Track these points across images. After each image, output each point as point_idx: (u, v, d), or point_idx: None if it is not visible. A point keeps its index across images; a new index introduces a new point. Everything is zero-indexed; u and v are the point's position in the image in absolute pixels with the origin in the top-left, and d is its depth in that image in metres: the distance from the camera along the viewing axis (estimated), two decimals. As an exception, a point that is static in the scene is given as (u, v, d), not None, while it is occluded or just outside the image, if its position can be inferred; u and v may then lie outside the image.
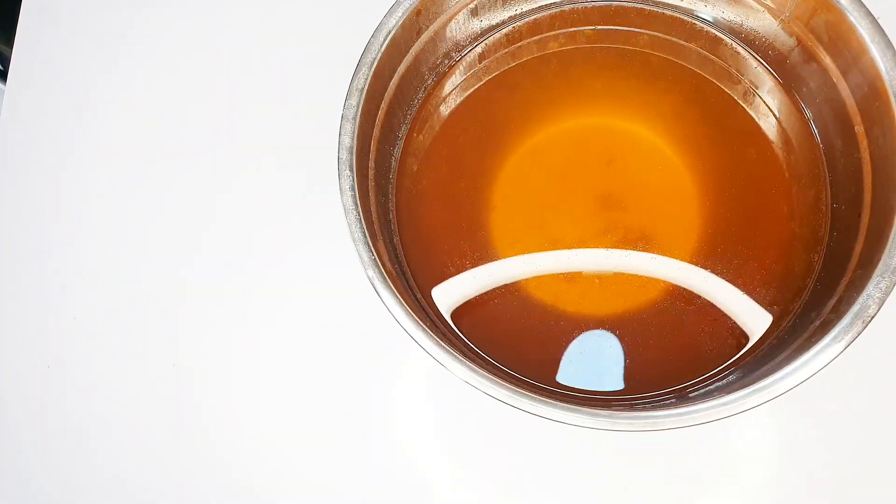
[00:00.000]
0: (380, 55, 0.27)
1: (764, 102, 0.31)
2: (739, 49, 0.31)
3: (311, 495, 0.31)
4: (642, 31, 0.32)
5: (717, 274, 0.29)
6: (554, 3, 0.32)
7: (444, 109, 0.32)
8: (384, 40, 0.27)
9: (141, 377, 0.33)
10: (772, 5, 0.29)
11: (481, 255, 0.30)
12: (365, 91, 0.27)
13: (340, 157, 0.26)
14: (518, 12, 0.32)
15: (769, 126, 0.31)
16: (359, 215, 0.25)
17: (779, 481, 0.30)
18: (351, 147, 0.26)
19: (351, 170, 0.26)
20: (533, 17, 0.32)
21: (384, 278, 0.24)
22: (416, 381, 0.32)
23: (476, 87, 0.32)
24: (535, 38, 0.33)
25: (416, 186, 0.31)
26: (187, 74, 0.38)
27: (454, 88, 0.32)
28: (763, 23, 0.30)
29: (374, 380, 0.32)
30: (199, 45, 0.39)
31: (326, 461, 0.31)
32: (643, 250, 0.29)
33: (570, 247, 0.30)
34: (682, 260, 0.29)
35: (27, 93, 0.39)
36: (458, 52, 0.32)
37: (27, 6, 0.40)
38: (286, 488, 0.31)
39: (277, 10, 0.38)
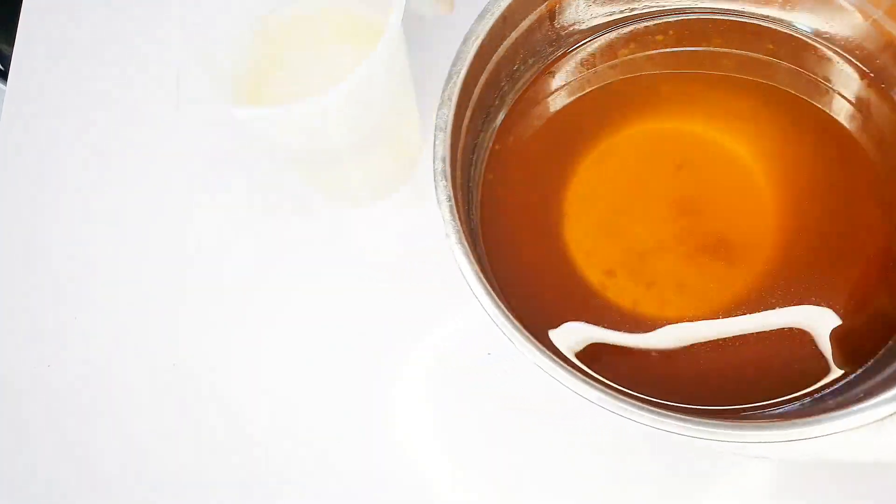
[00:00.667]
0: (468, 64, 0.27)
1: (850, 104, 0.30)
2: (825, 50, 0.31)
3: (312, 495, 0.31)
4: (722, 50, 0.32)
5: (799, 289, 0.28)
6: (633, 14, 0.32)
7: (519, 117, 0.32)
8: (472, 49, 0.27)
9: (141, 377, 0.33)
10: (863, 5, 0.29)
11: (557, 263, 0.30)
12: (455, 101, 0.27)
13: (436, 167, 0.26)
14: (600, 22, 0.32)
15: (856, 129, 0.30)
16: (457, 226, 0.25)
17: (779, 481, 0.30)
18: (444, 157, 0.26)
19: (446, 179, 0.26)
20: (611, 25, 0.32)
21: (489, 291, 0.24)
22: (416, 381, 0.32)
23: (550, 94, 0.32)
24: (609, 43, 0.33)
25: (493, 195, 0.31)
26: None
27: (529, 95, 0.32)
28: (852, 23, 0.30)
29: (374, 380, 0.32)
30: (200, 42, 0.39)
31: (326, 461, 0.31)
32: (721, 257, 0.29)
33: (646, 252, 0.29)
34: (761, 269, 0.28)
35: (27, 93, 0.39)
36: (535, 57, 0.32)
37: (27, 6, 0.41)
38: (286, 488, 0.31)
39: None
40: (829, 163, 0.30)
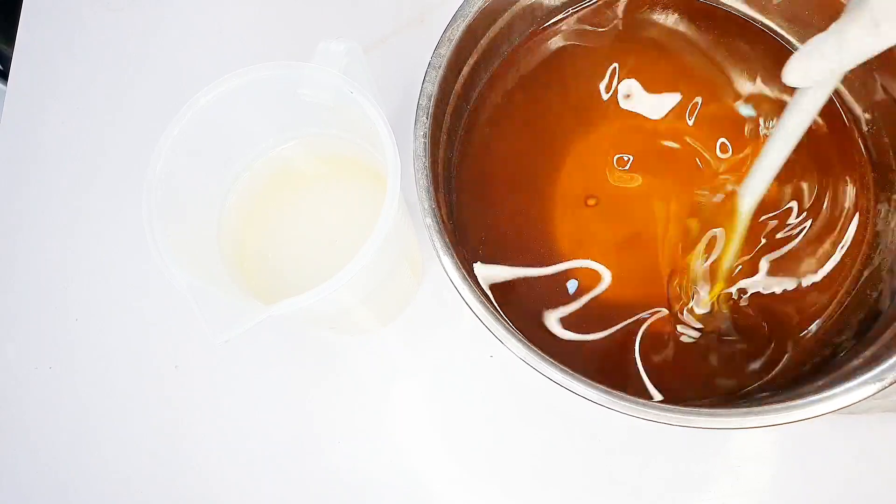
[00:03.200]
0: (477, 9, 0.27)
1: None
2: None
3: (312, 497, 0.31)
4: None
5: (761, 286, 0.28)
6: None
7: (524, 75, 0.32)
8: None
9: (142, 378, 0.33)
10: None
11: (529, 232, 0.30)
12: (455, 43, 0.27)
13: (420, 102, 0.26)
14: None
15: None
16: (426, 162, 0.25)
17: (778, 481, 0.30)
18: (431, 94, 0.26)
19: (427, 117, 0.26)
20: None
21: (441, 229, 0.24)
22: (416, 381, 0.32)
23: (559, 59, 0.32)
24: (628, 20, 0.32)
25: (483, 147, 0.30)
26: (188, 72, 0.38)
27: (538, 56, 0.32)
28: None
29: (374, 380, 0.32)
30: (199, 42, 0.39)
31: (327, 462, 0.31)
32: (690, 246, 0.29)
33: (623, 239, 0.29)
34: (731, 265, 0.29)
35: (27, 93, 0.39)
36: (550, 19, 0.32)
37: (27, 6, 0.40)
38: (287, 490, 0.31)
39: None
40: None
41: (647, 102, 0.31)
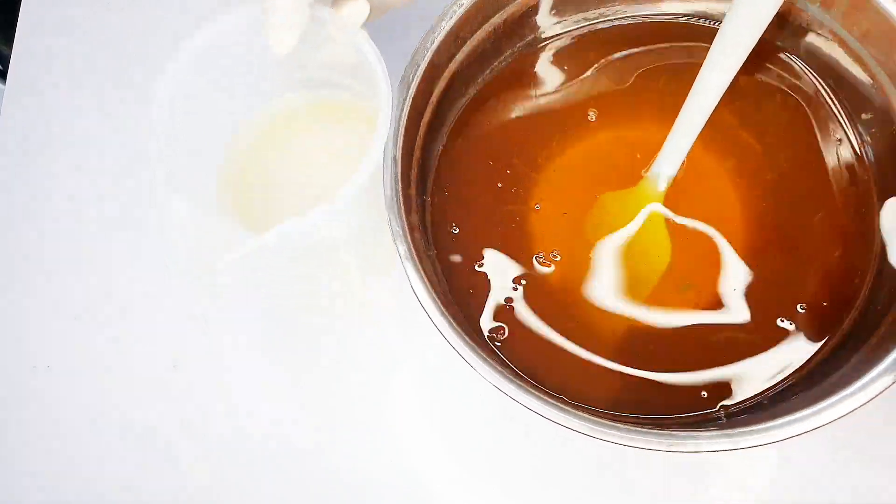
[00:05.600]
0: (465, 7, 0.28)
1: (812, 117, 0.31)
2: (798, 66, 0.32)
3: (313, 496, 0.31)
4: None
5: (752, 289, 0.29)
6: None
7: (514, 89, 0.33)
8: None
9: (141, 378, 0.33)
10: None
11: (509, 232, 0.30)
12: (439, 42, 0.28)
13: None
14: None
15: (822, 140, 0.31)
16: (398, 144, 0.26)
17: (779, 481, 0.30)
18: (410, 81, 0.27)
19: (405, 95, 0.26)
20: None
21: (399, 214, 0.25)
22: (416, 380, 0.32)
23: (547, 76, 0.33)
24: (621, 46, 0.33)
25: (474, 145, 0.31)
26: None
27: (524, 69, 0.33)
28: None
29: (373, 380, 0.32)
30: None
31: (327, 462, 0.31)
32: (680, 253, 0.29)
33: (606, 255, 0.30)
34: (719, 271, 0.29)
35: (27, 93, 0.39)
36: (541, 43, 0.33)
37: (27, 6, 0.40)
38: (287, 490, 0.31)
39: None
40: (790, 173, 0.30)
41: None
